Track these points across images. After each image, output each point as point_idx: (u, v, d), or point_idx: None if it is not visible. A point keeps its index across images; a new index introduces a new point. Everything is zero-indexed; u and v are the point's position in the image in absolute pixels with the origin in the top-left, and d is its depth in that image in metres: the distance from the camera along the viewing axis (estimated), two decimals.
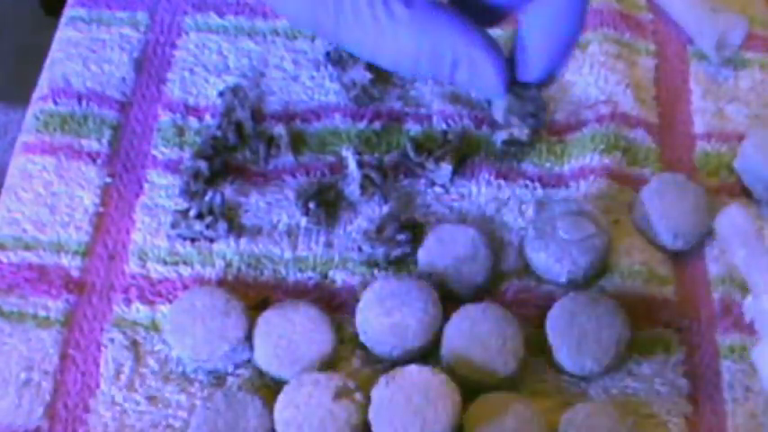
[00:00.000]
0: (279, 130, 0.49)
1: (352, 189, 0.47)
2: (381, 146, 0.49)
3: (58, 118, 0.50)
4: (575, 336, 0.42)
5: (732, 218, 0.38)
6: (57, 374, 0.42)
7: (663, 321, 0.44)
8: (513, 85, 0.39)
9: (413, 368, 0.41)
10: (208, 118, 0.50)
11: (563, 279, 0.44)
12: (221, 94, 0.50)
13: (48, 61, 0.52)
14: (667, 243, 0.46)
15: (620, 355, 0.42)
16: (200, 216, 0.46)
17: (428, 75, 0.38)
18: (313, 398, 0.40)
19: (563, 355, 0.42)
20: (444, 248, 0.45)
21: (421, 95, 0.51)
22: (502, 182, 0.48)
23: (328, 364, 0.42)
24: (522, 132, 0.49)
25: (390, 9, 0.36)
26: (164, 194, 0.47)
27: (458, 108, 0.51)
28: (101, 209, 0.47)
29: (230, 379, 0.42)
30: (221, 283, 0.45)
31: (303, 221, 0.46)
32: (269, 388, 0.42)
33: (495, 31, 0.38)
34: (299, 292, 0.45)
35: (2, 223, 0.46)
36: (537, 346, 0.43)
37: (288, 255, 0.46)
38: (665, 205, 0.46)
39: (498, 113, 0.41)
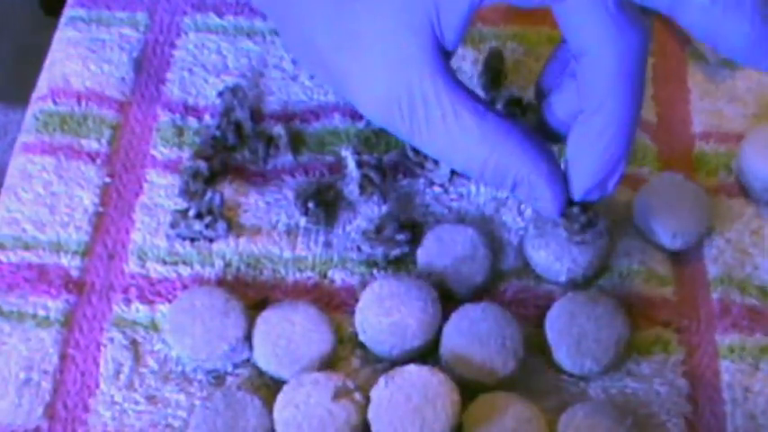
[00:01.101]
0: (278, 129, 0.49)
1: (351, 189, 0.47)
2: (380, 145, 0.49)
3: (57, 118, 0.50)
4: (574, 335, 0.42)
5: None
6: (56, 374, 0.42)
7: (662, 321, 0.44)
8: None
9: (412, 368, 0.41)
10: (207, 118, 0.50)
11: (563, 278, 0.44)
12: (220, 94, 0.50)
13: (47, 61, 0.52)
14: (666, 243, 0.46)
15: (620, 354, 0.42)
16: (199, 216, 0.46)
17: (491, 184, 0.40)
18: (312, 397, 0.40)
19: (562, 354, 0.42)
20: (443, 248, 0.45)
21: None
22: None
23: (327, 364, 0.42)
24: None
25: (463, 122, 0.37)
26: (163, 194, 0.48)
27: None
28: (100, 209, 0.47)
29: (229, 378, 0.42)
30: (221, 282, 0.45)
31: (302, 221, 0.46)
32: (268, 388, 0.42)
33: None
34: (298, 292, 0.45)
35: (2, 223, 0.46)
36: (536, 346, 0.43)
37: (287, 254, 0.46)
38: (663, 205, 0.46)
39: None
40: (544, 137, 0.42)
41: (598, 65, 0.37)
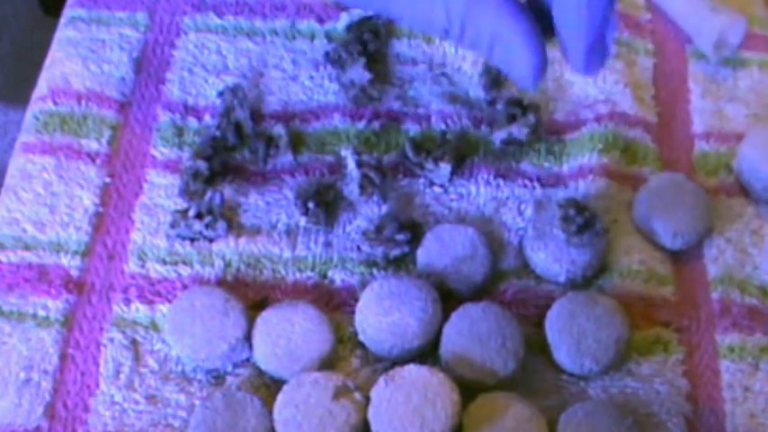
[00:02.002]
0: (278, 129, 0.49)
1: (351, 189, 0.47)
2: (380, 146, 0.49)
3: (57, 118, 0.50)
4: (574, 335, 0.42)
5: None
6: (56, 374, 0.42)
7: (662, 321, 0.44)
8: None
9: (412, 368, 0.41)
10: (207, 118, 0.50)
11: (562, 278, 0.44)
12: (220, 94, 0.50)
13: (47, 61, 0.52)
14: (666, 242, 0.46)
15: (620, 354, 0.42)
16: (199, 216, 0.46)
17: (469, 45, 0.37)
18: (312, 397, 0.40)
19: (562, 354, 0.42)
20: (443, 248, 0.45)
21: (419, 95, 0.51)
22: (501, 181, 0.48)
23: (327, 364, 0.42)
24: (520, 132, 0.49)
25: None
26: (163, 194, 0.48)
27: (456, 108, 0.51)
28: (100, 209, 0.47)
29: (229, 378, 0.42)
30: (220, 282, 0.45)
31: (302, 221, 0.46)
32: (268, 387, 0.42)
33: None
34: (298, 292, 0.45)
35: (2, 223, 0.46)
36: (536, 346, 0.43)
37: (287, 254, 0.46)
38: (663, 205, 0.46)
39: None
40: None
41: None
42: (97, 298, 0.45)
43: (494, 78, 0.51)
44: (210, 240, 0.46)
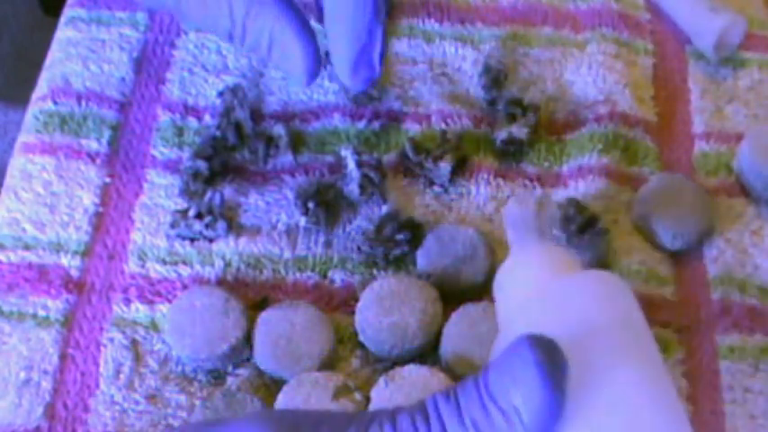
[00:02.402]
0: (278, 129, 0.49)
1: (351, 188, 0.47)
2: (380, 146, 0.49)
3: (57, 118, 0.50)
4: None
5: (510, 212, 0.39)
6: (56, 374, 0.42)
7: (662, 321, 0.44)
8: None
9: (412, 368, 0.41)
10: (207, 118, 0.50)
11: None
12: (220, 94, 0.50)
13: (47, 61, 0.52)
14: (666, 243, 0.46)
15: None
16: (199, 216, 0.46)
17: (250, 47, 0.41)
18: (312, 397, 0.40)
19: None
20: (443, 248, 0.45)
21: (420, 95, 0.51)
22: (501, 181, 0.48)
23: (327, 364, 0.42)
24: (520, 132, 0.49)
25: None
26: (163, 194, 0.48)
27: (456, 108, 0.51)
28: (100, 209, 0.47)
29: (230, 379, 0.42)
30: (221, 282, 0.45)
31: (302, 221, 0.46)
32: (268, 388, 0.42)
33: None
34: (298, 292, 0.45)
35: (2, 223, 0.46)
36: None
37: (287, 254, 0.46)
38: (663, 205, 0.46)
39: None
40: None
41: None
42: (97, 298, 0.45)
43: (494, 78, 0.51)
44: (210, 240, 0.46)
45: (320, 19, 0.44)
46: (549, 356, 0.26)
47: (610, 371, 0.29)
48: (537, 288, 0.34)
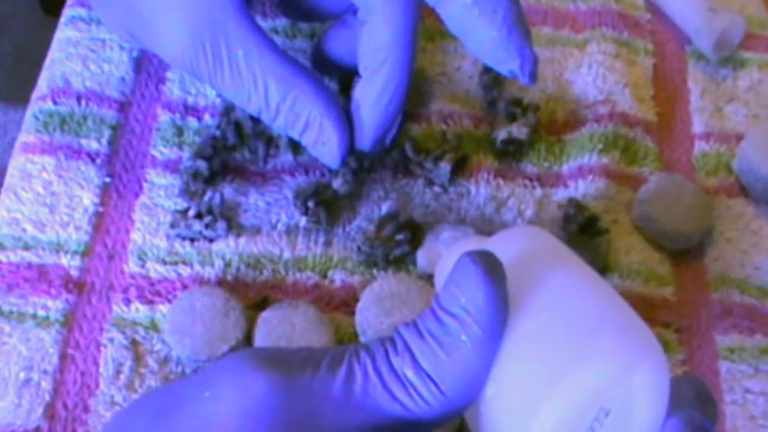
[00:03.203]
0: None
1: (340, 183, 0.47)
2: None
3: (57, 118, 0.50)
4: None
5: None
6: (56, 374, 0.42)
7: (662, 322, 0.44)
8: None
9: None
10: (207, 118, 0.50)
11: None
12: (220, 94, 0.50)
13: (47, 61, 0.52)
14: (666, 242, 0.46)
15: None
16: (199, 216, 0.46)
17: (281, 127, 0.43)
18: None
19: None
20: (443, 248, 0.45)
21: (420, 95, 0.51)
22: (501, 181, 0.48)
23: None
24: (520, 132, 0.49)
25: (264, 62, 0.42)
26: (163, 194, 0.48)
27: (456, 108, 0.51)
28: (100, 209, 0.47)
29: None
30: (220, 282, 0.45)
31: (303, 221, 0.46)
32: None
33: None
34: (298, 292, 0.45)
35: (2, 223, 0.46)
36: None
37: (287, 254, 0.46)
38: (663, 205, 0.46)
39: None
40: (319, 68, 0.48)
41: (384, 23, 0.42)
42: (97, 298, 0.45)
43: (494, 78, 0.51)
44: (210, 240, 0.46)
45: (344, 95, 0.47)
46: (486, 258, 0.29)
47: (547, 272, 0.31)
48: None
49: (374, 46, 0.42)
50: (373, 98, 0.43)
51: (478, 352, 0.29)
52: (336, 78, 0.51)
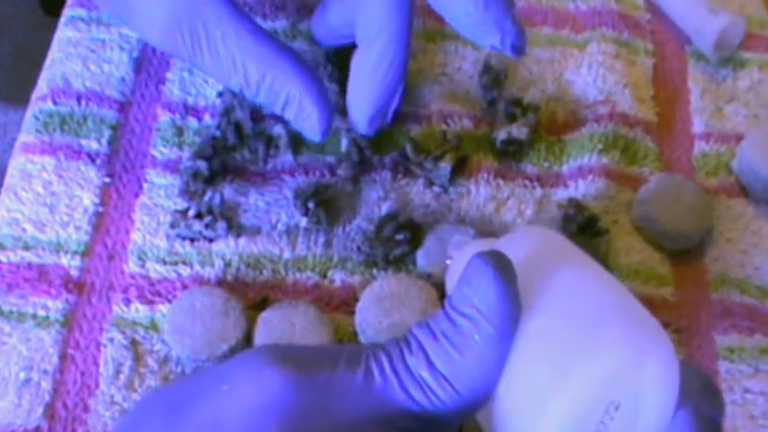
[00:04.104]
0: (278, 130, 0.49)
1: (345, 168, 0.47)
2: (380, 146, 0.49)
3: (57, 118, 0.50)
4: None
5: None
6: (56, 374, 0.42)
7: (662, 322, 0.44)
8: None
9: None
10: (207, 118, 0.50)
11: None
12: (220, 94, 0.50)
13: (47, 61, 0.52)
14: (666, 243, 0.46)
15: None
16: (199, 216, 0.46)
17: (263, 103, 0.43)
18: None
19: None
20: (443, 248, 0.45)
21: (420, 95, 0.51)
22: (501, 181, 0.48)
23: None
24: (520, 132, 0.49)
25: (242, 43, 0.42)
26: (163, 194, 0.48)
27: (456, 108, 0.51)
28: (100, 209, 0.47)
29: None
30: (220, 282, 0.45)
31: (303, 222, 0.46)
32: None
33: None
34: (298, 292, 0.45)
35: (2, 223, 0.46)
36: None
37: (287, 255, 0.46)
38: (663, 205, 0.46)
39: None
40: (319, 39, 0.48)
41: None
42: (97, 298, 0.45)
43: (494, 78, 0.51)
44: (210, 240, 0.46)
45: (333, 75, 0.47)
46: (497, 258, 0.29)
47: (556, 270, 0.31)
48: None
49: (370, 15, 0.42)
50: (369, 69, 0.43)
51: (491, 350, 0.29)
52: (335, 49, 0.51)
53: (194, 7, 0.42)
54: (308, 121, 0.43)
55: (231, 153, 0.49)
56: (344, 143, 0.48)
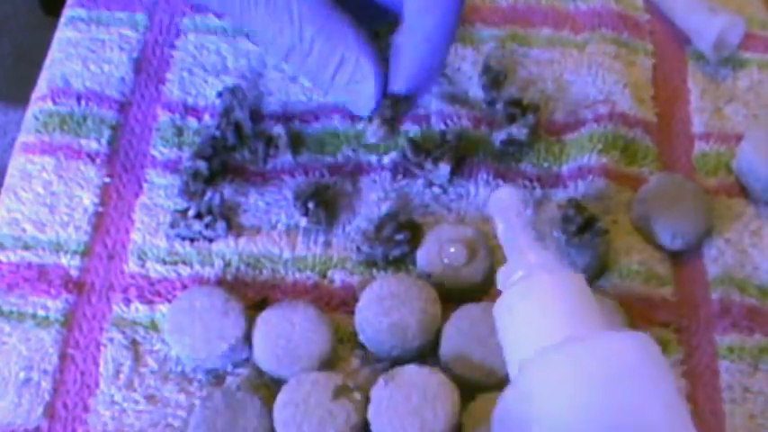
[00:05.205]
0: (278, 130, 0.49)
1: (374, 128, 0.45)
2: (380, 146, 0.49)
3: (57, 118, 0.50)
4: None
5: (498, 197, 0.39)
6: (56, 374, 0.42)
7: (661, 321, 0.44)
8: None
9: (411, 368, 0.41)
10: (207, 118, 0.50)
11: None
12: (220, 94, 0.50)
13: (47, 61, 0.52)
14: (666, 243, 0.46)
15: None
16: (199, 216, 0.46)
17: (312, 66, 0.41)
18: (312, 397, 0.40)
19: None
20: (443, 248, 0.45)
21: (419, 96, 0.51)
22: (500, 182, 0.48)
23: (327, 364, 0.42)
24: (520, 132, 0.49)
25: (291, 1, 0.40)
26: (163, 194, 0.48)
27: (456, 108, 0.51)
28: (100, 209, 0.47)
29: (229, 378, 0.42)
30: (220, 282, 0.45)
31: (302, 221, 0.46)
32: (268, 387, 0.42)
33: None
34: (297, 292, 0.45)
35: (1, 223, 0.46)
36: None
37: (287, 254, 0.46)
38: (663, 205, 0.46)
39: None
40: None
41: None
42: (97, 298, 0.45)
43: (493, 79, 0.51)
44: (210, 240, 0.46)
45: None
46: None
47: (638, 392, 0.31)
48: (554, 336, 0.34)
49: None
50: (418, 40, 0.41)
51: None
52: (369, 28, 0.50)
53: None
54: (363, 84, 0.41)
55: (231, 153, 0.49)
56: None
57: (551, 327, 0.34)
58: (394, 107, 0.44)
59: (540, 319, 0.35)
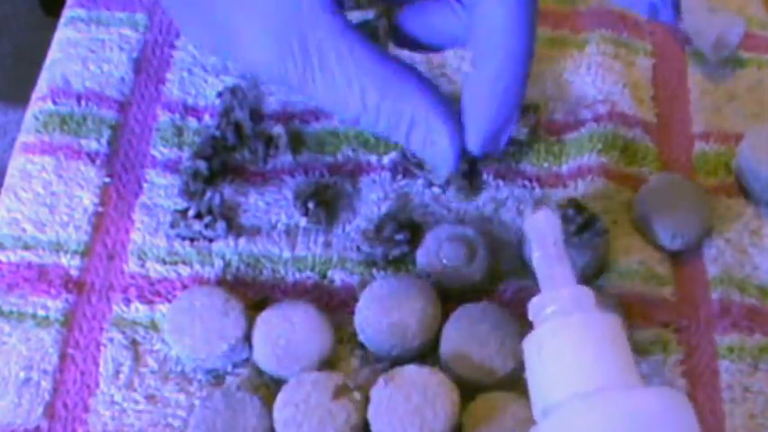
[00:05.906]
0: (278, 130, 0.49)
1: (452, 189, 0.44)
2: (379, 147, 0.49)
3: (57, 118, 0.50)
4: None
5: (536, 219, 0.38)
6: (56, 374, 0.42)
7: (661, 321, 0.44)
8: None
9: (411, 368, 0.41)
10: (207, 118, 0.50)
11: None
12: (220, 94, 0.50)
13: (47, 61, 0.52)
14: (666, 243, 0.46)
15: None
16: (199, 216, 0.46)
17: (384, 131, 0.38)
18: (312, 397, 0.40)
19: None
20: (442, 248, 0.45)
21: None
22: (500, 182, 0.48)
23: (327, 364, 0.42)
24: (520, 132, 0.49)
25: (360, 63, 0.37)
26: (163, 194, 0.48)
27: (456, 108, 0.51)
28: (100, 209, 0.47)
29: (229, 378, 0.42)
30: (220, 282, 0.45)
31: (303, 222, 0.47)
32: (268, 387, 0.42)
33: None
34: (297, 292, 0.45)
35: (1, 223, 0.46)
36: None
37: (287, 254, 0.46)
38: (663, 205, 0.46)
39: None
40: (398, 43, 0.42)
41: (499, 1, 0.37)
42: (97, 298, 0.45)
43: None
44: (210, 240, 0.46)
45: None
46: None
47: None
48: (586, 383, 0.33)
49: (487, 29, 0.38)
50: (486, 89, 0.38)
51: None
52: None
53: (303, 28, 0.37)
54: (439, 145, 0.38)
55: (231, 153, 0.49)
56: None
57: (583, 373, 0.34)
58: (471, 163, 0.43)
59: (572, 363, 0.34)
